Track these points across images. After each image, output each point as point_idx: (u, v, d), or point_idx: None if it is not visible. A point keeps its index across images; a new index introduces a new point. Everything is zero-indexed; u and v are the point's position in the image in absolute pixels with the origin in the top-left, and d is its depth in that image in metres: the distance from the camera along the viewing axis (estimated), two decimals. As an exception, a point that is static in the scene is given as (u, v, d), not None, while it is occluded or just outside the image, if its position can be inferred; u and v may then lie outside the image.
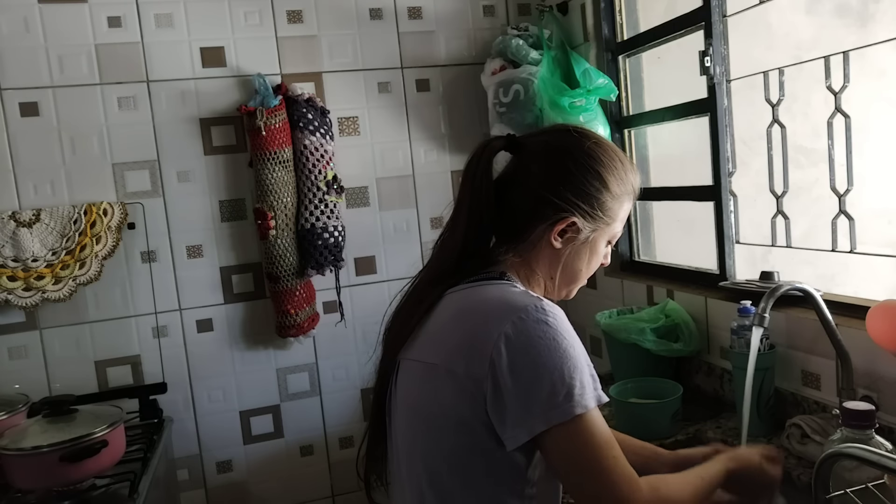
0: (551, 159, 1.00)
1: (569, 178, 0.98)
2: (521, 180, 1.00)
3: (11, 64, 1.89)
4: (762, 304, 1.25)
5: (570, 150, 1.00)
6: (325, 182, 2.03)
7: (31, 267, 1.86)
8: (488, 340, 0.86)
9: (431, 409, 0.92)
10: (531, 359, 0.85)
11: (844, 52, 1.35)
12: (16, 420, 1.60)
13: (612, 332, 1.73)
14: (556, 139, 1.03)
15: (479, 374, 0.86)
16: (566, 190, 0.98)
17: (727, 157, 1.68)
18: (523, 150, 1.02)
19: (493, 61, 2.13)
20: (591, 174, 0.99)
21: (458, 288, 0.97)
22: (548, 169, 0.99)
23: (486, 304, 0.92)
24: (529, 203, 0.99)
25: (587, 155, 0.99)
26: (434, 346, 0.94)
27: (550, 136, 1.05)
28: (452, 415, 0.89)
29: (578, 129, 1.04)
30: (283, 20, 2.09)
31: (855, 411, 0.97)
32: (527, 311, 0.87)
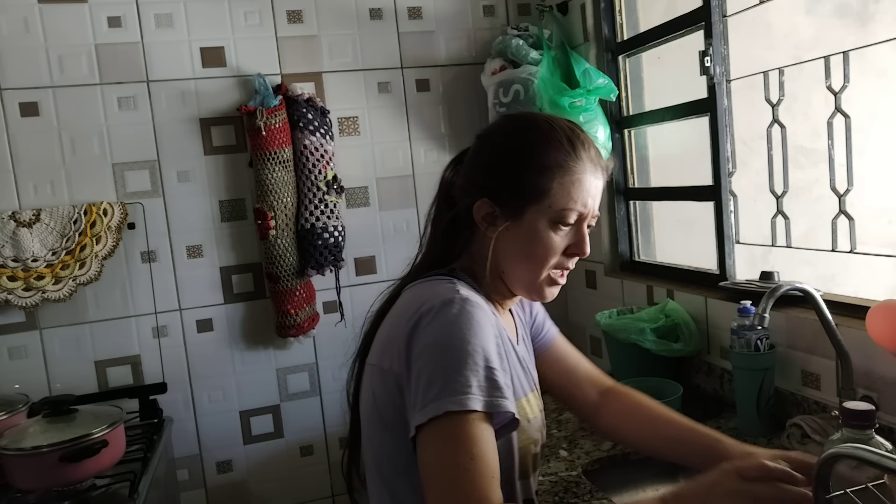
0: (475, 150, 0.99)
1: (483, 161, 0.96)
2: (460, 177, 1.00)
3: (11, 64, 1.89)
4: (762, 304, 1.25)
5: (493, 133, 0.98)
6: (325, 182, 2.03)
7: (31, 267, 1.86)
8: (400, 336, 0.86)
9: (374, 411, 0.91)
10: (425, 350, 0.82)
11: (844, 52, 1.35)
12: (16, 420, 1.60)
13: (612, 332, 1.73)
14: (488, 129, 1.01)
15: (397, 370, 0.86)
16: (480, 174, 0.95)
17: (727, 157, 1.68)
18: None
19: (493, 61, 2.13)
20: (505, 153, 0.93)
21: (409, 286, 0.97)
22: (471, 160, 0.98)
23: (407, 301, 0.92)
24: (460, 198, 0.98)
25: (505, 134, 0.96)
26: (374, 348, 0.95)
27: (485, 129, 1.03)
28: (388, 415, 0.88)
29: (514, 115, 1.03)
30: (283, 20, 2.09)
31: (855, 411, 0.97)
32: (433, 304, 0.85)
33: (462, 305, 0.84)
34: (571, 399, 1.20)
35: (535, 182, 0.91)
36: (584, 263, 2.25)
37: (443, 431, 0.78)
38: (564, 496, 1.25)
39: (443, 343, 0.82)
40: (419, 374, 0.82)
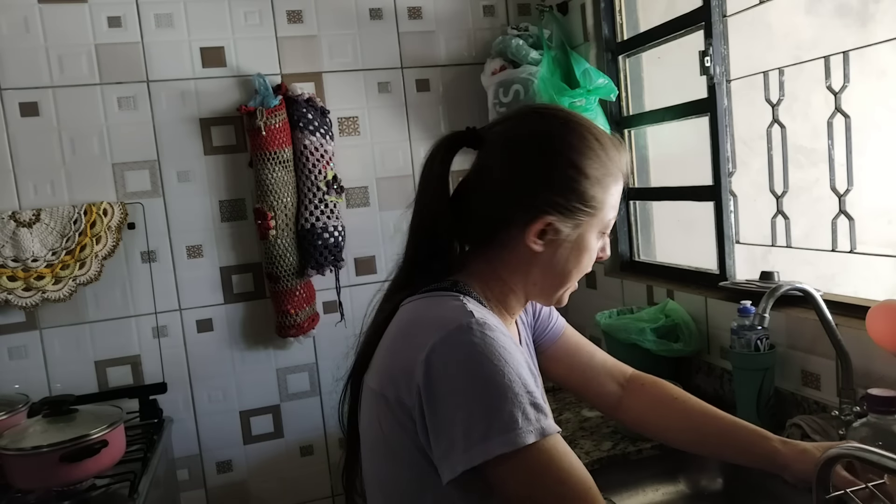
0: (513, 151, 0.86)
1: (535, 170, 0.85)
2: (483, 180, 0.88)
3: (11, 64, 1.89)
4: (762, 304, 1.25)
5: (534, 136, 0.87)
6: (325, 182, 2.03)
7: (31, 267, 1.86)
8: (412, 365, 0.77)
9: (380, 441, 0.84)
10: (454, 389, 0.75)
11: (844, 52, 1.35)
12: (16, 420, 1.60)
13: (612, 332, 1.73)
14: (516, 126, 0.89)
15: (408, 402, 0.78)
16: (535, 185, 0.84)
17: (727, 157, 1.68)
18: (484, 145, 0.89)
19: (493, 61, 2.13)
20: (561, 161, 0.84)
21: (408, 300, 0.88)
22: (510, 164, 0.86)
23: (415, 324, 0.83)
24: (494, 206, 0.87)
25: (554, 139, 0.86)
26: (374, 371, 0.87)
27: (512, 122, 0.91)
28: (399, 447, 0.81)
29: (542, 110, 0.91)
30: (283, 20, 2.09)
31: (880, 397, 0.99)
32: (450, 331, 0.77)
33: (482, 331, 0.77)
34: (588, 392, 1.15)
35: (594, 194, 0.86)
36: (584, 263, 2.25)
37: (517, 472, 0.74)
38: None
39: (474, 379, 0.75)
40: (452, 417, 0.75)
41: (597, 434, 1.53)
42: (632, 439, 1.48)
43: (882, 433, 1.00)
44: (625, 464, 1.43)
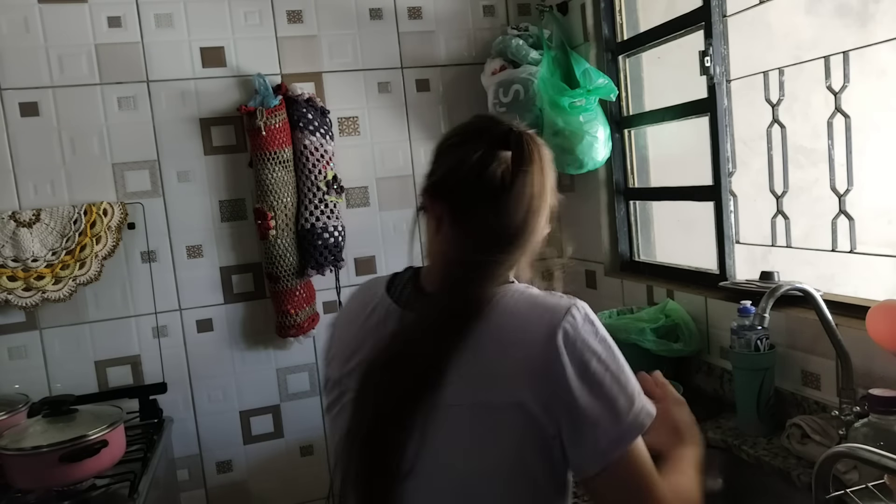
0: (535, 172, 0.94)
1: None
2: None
3: (11, 64, 1.89)
4: (762, 304, 1.25)
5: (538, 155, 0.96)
6: (325, 182, 2.03)
7: (31, 267, 1.86)
8: (545, 356, 0.77)
9: (487, 463, 0.79)
10: (600, 366, 0.78)
11: (844, 52, 1.35)
12: (16, 420, 1.60)
13: (612, 332, 1.71)
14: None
15: (546, 398, 0.77)
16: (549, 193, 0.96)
17: (727, 157, 1.68)
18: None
19: (493, 61, 2.13)
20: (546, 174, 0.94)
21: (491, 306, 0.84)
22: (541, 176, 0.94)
23: (520, 316, 0.82)
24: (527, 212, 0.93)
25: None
26: (474, 382, 0.79)
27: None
28: (538, 467, 0.80)
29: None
30: (283, 20, 2.09)
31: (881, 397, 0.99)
32: (571, 313, 0.80)
33: (586, 307, 0.83)
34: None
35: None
36: (584, 263, 2.26)
37: (637, 453, 0.79)
38: None
39: (613, 351, 0.81)
40: (611, 393, 0.78)
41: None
42: (632, 439, 1.48)
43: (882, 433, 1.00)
44: (625, 464, 1.43)
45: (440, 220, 0.92)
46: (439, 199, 0.92)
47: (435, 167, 0.94)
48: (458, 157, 0.90)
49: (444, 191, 0.91)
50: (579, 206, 2.24)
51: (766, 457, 1.33)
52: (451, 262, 0.90)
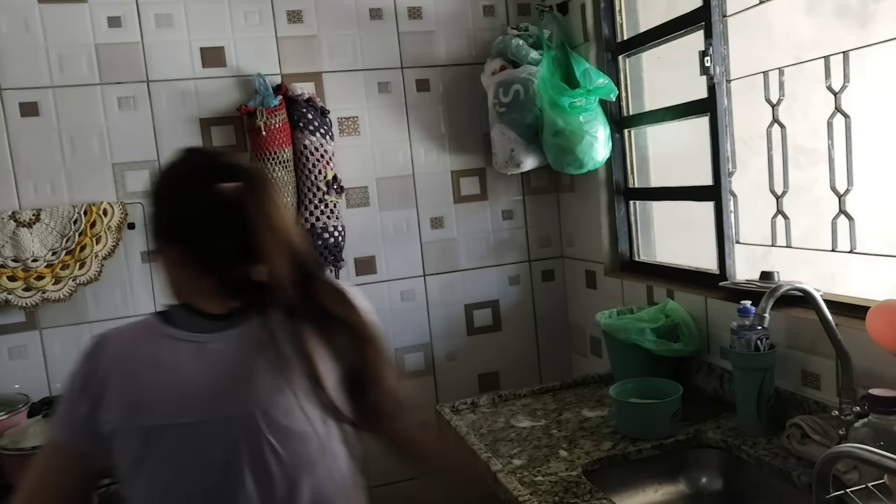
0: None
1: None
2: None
3: (11, 64, 1.89)
4: (762, 304, 1.25)
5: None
6: (325, 182, 2.03)
7: (31, 267, 1.86)
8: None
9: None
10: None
11: (844, 52, 1.35)
12: (16, 420, 1.60)
13: (612, 332, 1.73)
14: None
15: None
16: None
17: (727, 157, 1.68)
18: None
19: (493, 61, 2.13)
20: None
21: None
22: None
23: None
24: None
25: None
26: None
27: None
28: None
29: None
30: (283, 20, 2.09)
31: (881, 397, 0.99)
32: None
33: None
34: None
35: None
36: (585, 263, 2.26)
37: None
38: (564, 496, 1.25)
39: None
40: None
41: (597, 434, 1.54)
42: (632, 439, 1.48)
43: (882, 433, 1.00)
44: (625, 464, 1.43)
45: (182, 259, 1.00)
46: (175, 241, 0.99)
47: (160, 211, 1.02)
48: (184, 196, 0.99)
49: (179, 232, 0.99)
50: (579, 206, 2.24)
51: (766, 457, 1.33)
52: (223, 290, 0.98)
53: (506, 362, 2.35)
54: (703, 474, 1.47)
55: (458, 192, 2.28)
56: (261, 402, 0.93)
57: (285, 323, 0.93)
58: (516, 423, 1.65)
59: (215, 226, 0.96)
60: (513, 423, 1.65)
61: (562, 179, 2.34)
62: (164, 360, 0.94)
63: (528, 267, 2.37)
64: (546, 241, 2.39)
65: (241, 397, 0.93)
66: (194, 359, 0.94)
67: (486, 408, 1.78)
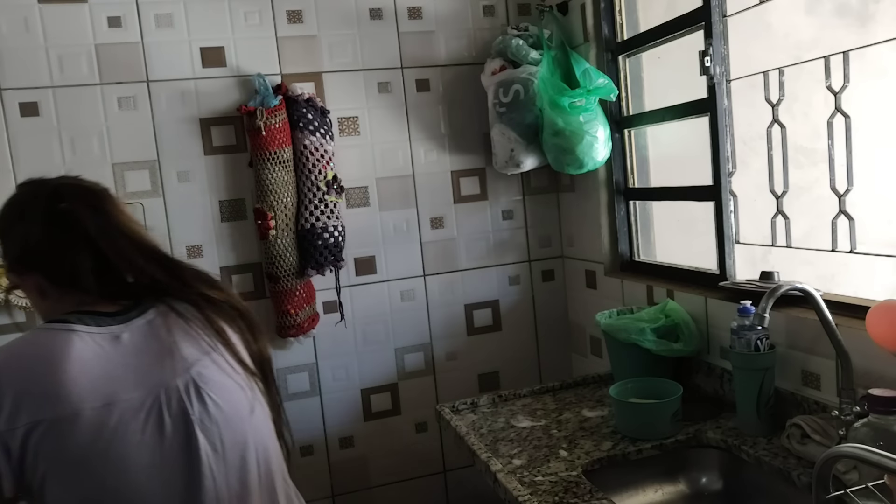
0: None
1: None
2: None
3: (11, 64, 1.89)
4: (762, 304, 1.25)
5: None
6: (325, 182, 2.03)
7: (31, 267, 1.86)
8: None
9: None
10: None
11: (844, 52, 1.35)
12: (16, 420, 1.60)
13: (612, 332, 1.73)
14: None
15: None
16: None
17: (727, 157, 1.68)
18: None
19: (493, 61, 2.13)
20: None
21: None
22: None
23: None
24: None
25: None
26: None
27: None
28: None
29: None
30: (283, 20, 2.09)
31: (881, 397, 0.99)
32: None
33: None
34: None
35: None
36: (585, 263, 2.26)
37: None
38: (564, 496, 1.25)
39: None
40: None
41: (597, 434, 1.54)
42: (632, 439, 1.48)
43: (882, 433, 1.00)
44: (625, 464, 1.43)
45: (41, 287, 1.07)
46: (30, 271, 1.06)
47: (7, 247, 1.07)
48: (26, 230, 1.04)
49: (31, 263, 1.05)
50: (579, 206, 2.25)
51: (766, 457, 1.33)
52: (103, 297, 1.07)
53: (506, 362, 2.36)
54: (703, 474, 1.47)
55: (458, 192, 2.28)
56: (190, 365, 1.02)
57: (180, 304, 1.06)
58: (516, 423, 1.65)
59: (61, 248, 1.03)
60: (513, 423, 1.65)
61: (562, 179, 2.34)
62: (80, 351, 0.97)
63: (528, 267, 2.37)
64: (546, 241, 2.39)
65: (171, 366, 1.00)
66: (113, 346, 0.99)
67: (486, 408, 1.78)
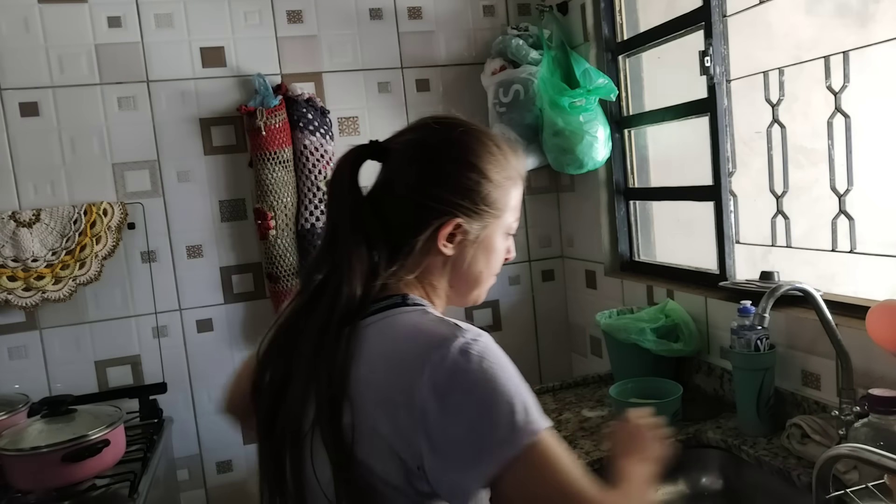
0: (418, 159, 0.90)
1: (441, 175, 0.88)
2: (392, 189, 0.90)
3: (11, 64, 1.89)
4: (762, 304, 1.25)
5: (437, 144, 0.90)
6: (325, 182, 2.03)
7: (31, 267, 1.86)
8: (411, 388, 0.74)
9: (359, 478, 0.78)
10: (464, 398, 0.74)
11: (844, 52, 1.35)
12: (16, 420, 1.60)
13: (612, 332, 1.73)
14: (419, 136, 0.93)
15: (408, 429, 0.74)
16: (442, 189, 0.87)
17: (727, 157, 1.68)
18: (389, 155, 0.91)
19: (493, 61, 2.13)
20: (464, 166, 0.88)
21: (367, 322, 0.83)
22: (418, 171, 0.89)
23: (399, 343, 0.80)
24: (405, 212, 0.88)
25: (456, 146, 0.90)
26: (354, 404, 0.78)
27: (413, 133, 0.93)
28: (380, 483, 0.77)
29: (441, 120, 0.93)
30: (283, 20, 2.09)
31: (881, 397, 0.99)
32: (447, 345, 0.76)
33: (475, 335, 0.79)
34: None
35: (497, 196, 0.90)
36: (585, 263, 2.26)
37: (537, 465, 0.73)
38: None
39: (485, 380, 0.75)
40: (471, 424, 0.74)
41: (597, 434, 1.54)
42: (632, 439, 1.48)
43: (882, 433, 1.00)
44: (625, 464, 1.43)
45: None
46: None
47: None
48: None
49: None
50: (579, 206, 2.24)
51: (766, 457, 1.33)
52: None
53: (506, 362, 2.35)
54: (703, 474, 1.47)
55: (458, 192, 2.28)
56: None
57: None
58: (516, 423, 1.65)
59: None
60: (513, 423, 1.65)
61: (562, 179, 2.34)
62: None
63: (529, 267, 2.37)
64: (546, 241, 2.39)
65: None
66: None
67: (486, 408, 1.78)
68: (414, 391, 0.74)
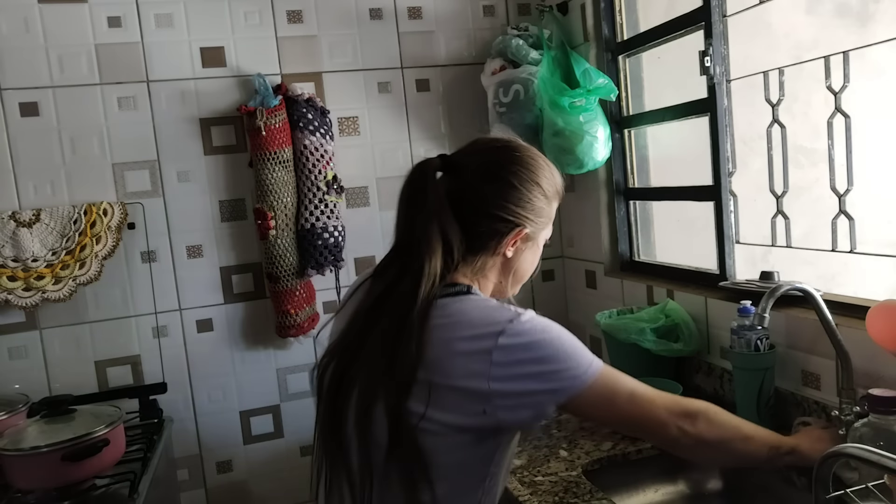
0: (495, 178, 1.07)
1: (516, 192, 1.06)
2: (469, 201, 1.05)
3: (11, 64, 1.89)
4: (762, 304, 1.25)
5: (509, 165, 1.08)
6: (325, 182, 2.03)
7: (31, 267, 1.86)
8: (483, 353, 0.93)
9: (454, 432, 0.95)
10: (533, 354, 0.94)
11: (844, 52, 1.35)
12: (16, 420, 1.60)
13: (612, 332, 1.73)
14: (492, 158, 1.09)
15: (480, 388, 0.92)
16: (515, 205, 1.06)
17: (727, 157, 1.68)
18: (464, 171, 1.07)
19: (493, 61, 2.13)
20: (530, 184, 1.07)
21: (443, 302, 1.00)
22: (495, 189, 1.06)
23: (475, 316, 0.98)
24: (482, 221, 1.05)
25: (523, 167, 1.08)
26: (433, 369, 0.95)
27: (485, 155, 1.10)
28: (450, 430, 0.95)
29: (504, 142, 1.12)
30: (283, 20, 2.09)
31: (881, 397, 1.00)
32: (517, 318, 0.95)
33: (529, 313, 0.98)
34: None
35: (546, 208, 1.10)
36: (585, 263, 2.26)
37: (604, 395, 0.99)
38: (564, 496, 1.25)
39: (548, 339, 0.96)
40: (540, 373, 0.94)
41: (597, 434, 1.53)
42: (632, 439, 1.48)
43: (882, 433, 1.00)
44: (625, 464, 1.43)
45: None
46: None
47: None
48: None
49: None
50: (579, 206, 2.24)
51: (766, 457, 1.33)
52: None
53: (506, 362, 2.35)
54: (703, 474, 1.47)
55: (458, 192, 2.28)
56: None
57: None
58: (516, 423, 1.65)
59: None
60: (513, 423, 1.65)
61: (562, 179, 2.34)
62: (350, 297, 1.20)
63: (528, 267, 2.37)
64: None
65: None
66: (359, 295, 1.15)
67: (486, 408, 1.78)
68: (492, 354, 0.92)
